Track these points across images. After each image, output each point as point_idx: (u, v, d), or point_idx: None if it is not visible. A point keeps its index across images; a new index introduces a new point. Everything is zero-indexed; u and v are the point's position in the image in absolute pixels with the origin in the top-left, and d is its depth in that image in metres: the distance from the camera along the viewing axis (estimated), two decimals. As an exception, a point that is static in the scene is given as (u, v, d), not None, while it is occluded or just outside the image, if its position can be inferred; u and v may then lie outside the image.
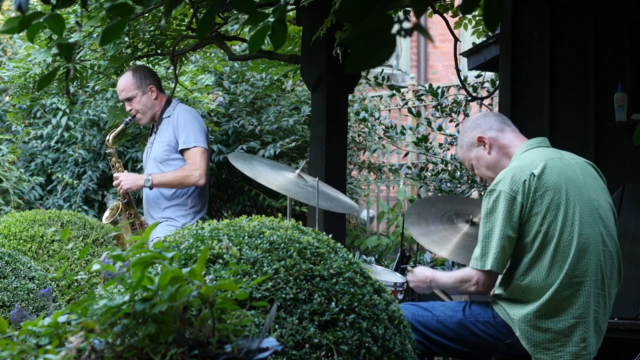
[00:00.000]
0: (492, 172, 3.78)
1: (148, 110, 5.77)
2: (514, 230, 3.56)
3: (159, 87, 5.83)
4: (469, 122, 3.88)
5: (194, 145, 5.64)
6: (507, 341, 3.64)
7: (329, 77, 6.19)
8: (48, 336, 2.26)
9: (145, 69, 5.87)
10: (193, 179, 5.60)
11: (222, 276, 2.47)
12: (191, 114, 5.76)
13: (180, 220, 5.66)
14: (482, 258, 3.58)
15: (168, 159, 5.69)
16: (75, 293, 5.67)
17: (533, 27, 5.94)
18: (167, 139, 5.70)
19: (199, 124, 5.72)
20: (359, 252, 9.54)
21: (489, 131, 3.80)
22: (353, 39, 1.70)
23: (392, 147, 10.20)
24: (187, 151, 5.65)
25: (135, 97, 5.75)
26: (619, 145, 5.63)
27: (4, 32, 2.10)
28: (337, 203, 4.94)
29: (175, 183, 5.62)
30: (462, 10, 1.84)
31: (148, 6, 4.19)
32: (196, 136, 5.65)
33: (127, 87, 5.77)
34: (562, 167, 3.64)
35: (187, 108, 5.84)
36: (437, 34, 11.93)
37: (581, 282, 3.55)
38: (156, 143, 5.77)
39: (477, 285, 3.61)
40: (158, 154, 5.73)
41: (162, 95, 5.83)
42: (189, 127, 5.66)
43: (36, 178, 8.88)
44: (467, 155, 3.86)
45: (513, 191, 3.56)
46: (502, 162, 3.77)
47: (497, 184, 3.61)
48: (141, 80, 5.76)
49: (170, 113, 5.76)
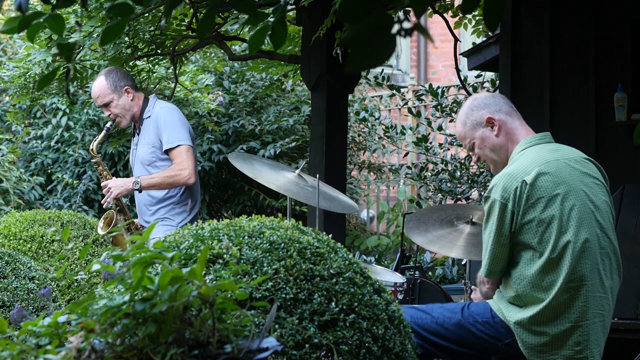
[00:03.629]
0: (496, 155, 3.72)
1: (127, 113, 5.68)
2: (505, 237, 3.55)
3: (134, 86, 5.72)
4: (476, 100, 3.77)
5: (177, 144, 5.54)
6: (506, 341, 3.63)
7: (329, 77, 6.19)
8: (48, 336, 2.26)
9: (117, 71, 5.75)
10: (182, 179, 5.53)
11: (222, 276, 2.47)
12: (170, 112, 5.65)
13: (176, 219, 5.61)
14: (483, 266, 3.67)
15: (155, 161, 5.62)
16: (75, 293, 5.67)
17: (533, 27, 5.95)
18: (151, 140, 5.62)
19: (180, 120, 5.62)
20: (359, 252, 9.54)
21: (498, 113, 3.72)
22: (353, 39, 1.70)
23: (392, 147, 10.20)
24: (172, 151, 5.57)
25: (112, 102, 5.66)
26: (619, 145, 5.63)
27: (4, 32, 2.10)
28: (337, 203, 4.94)
29: (164, 184, 5.55)
30: (462, 10, 1.84)
31: (148, 6, 4.19)
32: (178, 134, 5.56)
33: (102, 92, 5.67)
34: (556, 171, 3.58)
35: (166, 106, 5.73)
36: (437, 34, 11.94)
37: (578, 286, 3.53)
38: (141, 145, 5.69)
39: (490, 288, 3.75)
40: (145, 156, 5.65)
41: (139, 94, 5.73)
42: (170, 126, 5.57)
43: (36, 178, 8.88)
44: (470, 133, 3.75)
45: (504, 199, 3.54)
46: (507, 146, 3.71)
47: (490, 190, 3.60)
48: (115, 83, 5.65)
49: (150, 112, 5.67)
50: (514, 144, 3.70)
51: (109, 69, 5.82)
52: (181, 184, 5.56)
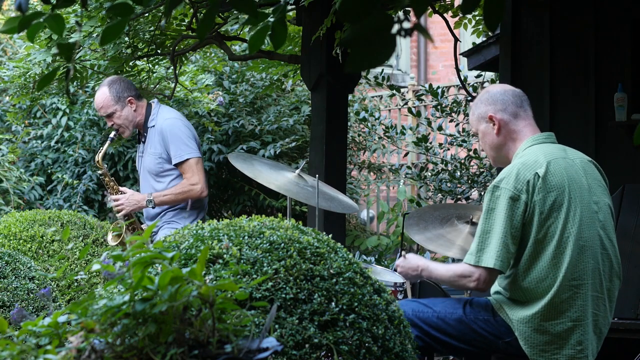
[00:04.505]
0: (495, 152, 3.74)
1: (130, 124, 5.68)
2: (516, 229, 3.53)
3: (137, 95, 5.72)
4: (488, 94, 3.77)
5: (186, 157, 5.56)
6: (506, 340, 3.63)
7: (329, 77, 6.19)
8: (48, 336, 2.26)
9: (120, 82, 5.73)
10: (195, 194, 5.56)
11: (222, 276, 2.47)
12: (175, 124, 5.64)
13: (182, 222, 5.62)
14: (477, 253, 3.54)
15: (162, 171, 5.62)
16: (75, 293, 5.67)
17: (533, 27, 5.95)
18: (158, 151, 5.62)
19: (186, 132, 5.62)
20: (359, 252, 9.54)
21: (502, 112, 3.71)
22: (353, 39, 1.70)
23: (392, 147, 10.20)
24: (181, 165, 5.58)
25: (115, 113, 5.66)
26: (619, 145, 5.63)
27: (4, 32, 2.10)
28: (337, 203, 4.94)
29: (178, 201, 5.59)
30: (462, 10, 1.84)
31: (148, 6, 4.19)
32: (186, 147, 5.57)
33: (105, 103, 5.66)
34: (565, 167, 3.61)
35: (170, 117, 5.69)
36: (437, 34, 11.93)
37: (579, 284, 3.54)
38: (147, 155, 5.69)
39: (477, 282, 3.55)
40: (151, 167, 5.66)
41: (142, 103, 5.71)
42: (177, 140, 5.57)
43: (36, 178, 8.88)
44: (476, 124, 3.78)
45: (517, 190, 3.53)
46: (507, 146, 3.72)
47: (500, 181, 3.57)
48: (118, 94, 5.64)
49: (154, 121, 5.66)
50: (517, 143, 3.71)
51: (112, 79, 5.80)
52: (194, 198, 5.59)
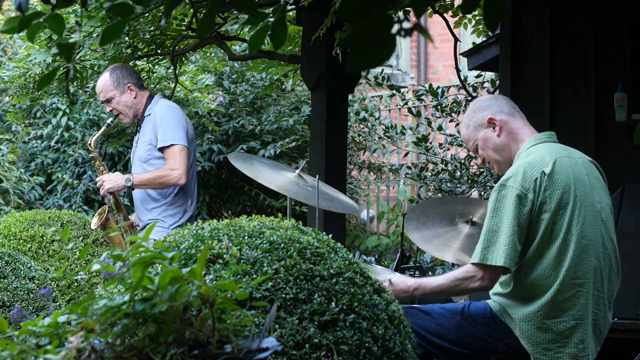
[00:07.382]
0: (499, 155, 3.75)
1: (129, 110, 5.66)
2: (522, 227, 3.54)
3: (139, 84, 5.71)
4: (479, 103, 3.82)
5: (171, 143, 5.51)
6: (506, 341, 3.63)
7: (329, 77, 6.19)
8: (48, 336, 2.26)
9: (123, 68, 5.74)
10: (172, 179, 5.49)
11: (222, 276, 2.47)
12: (169, 110, 5.62)
13: (168, 221, 5.57)
14: (483, 252, 3.53)
15: (151, 158, 5.59)
16: (75, 293, 5.67)
17: (533, 27, 5.95)
18: (149, 137, 5.60)
19: (177, 119, 5.58)
20: (359, 252, 9.54)
21: (500, 113, 3.75)
22: (353, 39, 1.70)
23: (392, 147, 10.20)
24: (165, 150, 5.54)
25: (114, 98, 5.65)
26: (619, 145, 5.63)
27: (4, 32, 2.10)
28: (337, 203, 4.94)
29: (155, 184, 5.52)
30: (462, 10, 1.84)
31: (148, 6, 4.19)
32: (173, 133, 5.53)
33: (105, 88, 5.66)
34: (570, 166, 3.63)
35: (166, 104, 5.70)
36: (437, 34, 11.93)
37: (582, 283, 3.55)
38: (140, 143, 5.67)
39: (482, 280, 3.54)
40: (142, 153, 5.64)
41: (143, 93, 5.71)
42: (166, 125, 5.54)
43: (36, 178, 8.88)
44: (473, 135, 3.78)
45: (525, 188, 3.53)
46: (510, 146, 3.73)
47: (507, 179, 3.57)
48: (118, 80, 5.64)
49: (151, 110, 5.65)
50: (518, 143, 3.72)
51: (115, 65, 5.82)
52: (171, 184, 5.52)
